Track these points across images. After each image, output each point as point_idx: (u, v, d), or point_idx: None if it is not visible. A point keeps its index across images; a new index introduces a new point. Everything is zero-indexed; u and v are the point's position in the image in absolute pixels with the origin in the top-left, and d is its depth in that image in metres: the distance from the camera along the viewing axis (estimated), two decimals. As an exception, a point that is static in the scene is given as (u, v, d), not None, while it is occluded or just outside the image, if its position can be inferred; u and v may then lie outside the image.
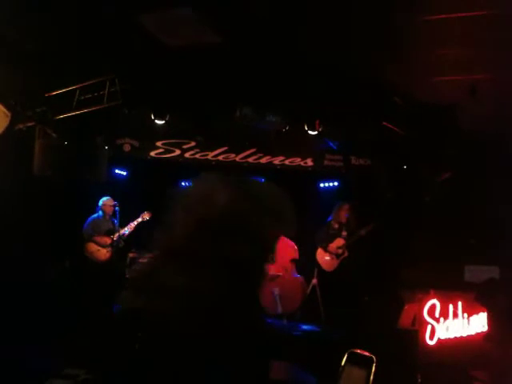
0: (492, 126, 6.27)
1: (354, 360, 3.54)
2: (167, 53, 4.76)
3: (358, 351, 3.65)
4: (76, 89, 5.80)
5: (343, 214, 7.65)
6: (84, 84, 5.68)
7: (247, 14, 4.28)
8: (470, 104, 5.50)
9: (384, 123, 5.77)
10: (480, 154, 6.79)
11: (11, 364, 4.38)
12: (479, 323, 6.34)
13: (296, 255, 7.54)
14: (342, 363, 3.57)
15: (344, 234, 7.62)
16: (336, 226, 7.72)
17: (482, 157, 6.80)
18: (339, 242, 7.59)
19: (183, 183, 6.54)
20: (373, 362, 3.49)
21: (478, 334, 6.21)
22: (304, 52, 4.78)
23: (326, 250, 7.63)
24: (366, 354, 3.61)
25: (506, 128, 6.17)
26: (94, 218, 7.60)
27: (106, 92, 5.52)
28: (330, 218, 7.81)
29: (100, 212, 7.60)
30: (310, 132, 6.67)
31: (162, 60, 5.03)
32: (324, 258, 7.63)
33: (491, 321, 6.02)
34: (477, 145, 6.57)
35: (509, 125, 6.04)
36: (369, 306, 6.94)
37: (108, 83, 5.51)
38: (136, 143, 8.14)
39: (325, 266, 7.62)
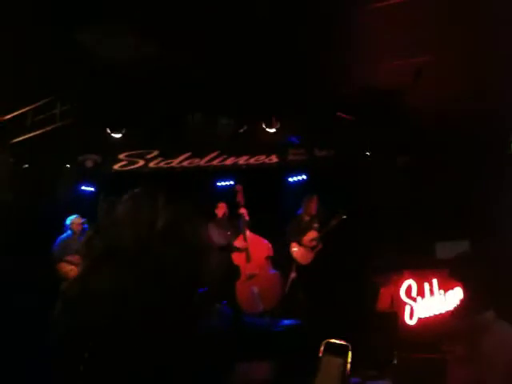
0: (440, 108, 6.37)
1: (331, 349, 3.59)
2: (114, 66, 4.73)
3: (334, 340, 3.69)
4: (28, 111, 5.72)
5: (313, 205, 7.71)
6: (35, 105, 5.60)
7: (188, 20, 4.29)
8: (419, 87, 5.59)
9: (337, 113, 5.83)
10: (442, 132, 6.92)
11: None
12: (456, 298, 6.44)
13: (270, 252, 7.58)
14: (320, 354, 3.61)
15: (316, 225, 7.67)
16: (307, 218, 7.78)
17: (444, 134, 6.93)
18: (312, 234, 7.64)
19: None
20: (348, 350, 3.54)
21: (455, 308, 6.30)
22: (249, 49, 4.79)
23: (300, 243, 7.67)
24: (342, 342, 3.65)
25: (453, 109, 6.28)
26: (63, 238, 7.50)
27: (58, 111, 5.46)
28: (299, 211, 7.87)
29: (69, 231, 7.51)
30: (269, 129, 6.70)
31: (110, 74, 4.98)
32: (299, 251, 7.68)
33: (466, 293, 6.11)
34: (432, 125, 6.70)
35: (455, 106, 6.16)
36: (346, 293, 7.01)
37: (59, 102, 5.45)
38: (98, 158, 8.06)
39: (300, 260, 7.66)
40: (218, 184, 8.64)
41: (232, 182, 8.44)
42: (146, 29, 4.24)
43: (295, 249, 7.70)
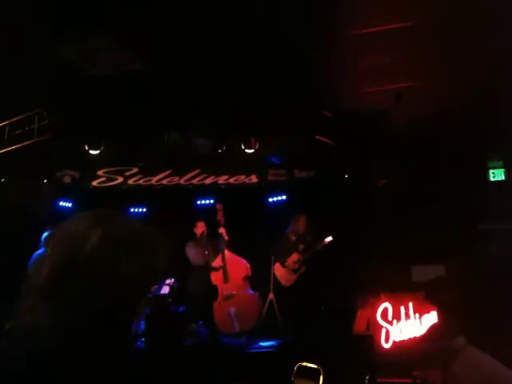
0: (423, 130, 6.49)
1: (303, 373, 3.57)
2: (93, 82, 4.73)
3: (307, 364, 3.68)
4: (5, 125, 5.67)
5: (301, 225, 7.60)
6: (13, 120, 5.56)
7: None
8: (400, 110, 5.69)
9: (316, 137, 5.89)
10: (420, 156, 7.02)
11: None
12: (431, 322, 6.48)
13: (248, 272, 7.51)
14: (292, 377, 3.60)
15: (301, 247, 7.56)
16: (293, 238, 7.67)
17: (423, 159, 7.03)
18: (296, 256, 7.52)
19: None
20: (320, 374, 3.53)
21: (428, 332, 6.34)
22: (230, 70, 4.84)
23: (284, 265, 7.57)
24: (314, 366, 3.64)
25: (437, 131, 6.41)
26: (39, 254, 7.37)
27: (36, 126, 5.43)
28: (287, 230, 7.76)
29: (44, 247, 7.38)
30: (247, 150, 6.72)
31: (90, 89, 4.98)
32: (282, 273, 7.59)
33: (440, 317, 6.16)
34: (413, 147, 6.80)
35: (438, 128, 6.28)
36: (325, 316, 7.00)
37: (37, 117, 5.41)
38: (76, 174, 7.96)
39: (282, 281, 7.57)
40: (198, 203, 8.62)
41: (211, 201, 8.41)
42: (127, 38, 4.25)
43: (279, 270, 7.61)
